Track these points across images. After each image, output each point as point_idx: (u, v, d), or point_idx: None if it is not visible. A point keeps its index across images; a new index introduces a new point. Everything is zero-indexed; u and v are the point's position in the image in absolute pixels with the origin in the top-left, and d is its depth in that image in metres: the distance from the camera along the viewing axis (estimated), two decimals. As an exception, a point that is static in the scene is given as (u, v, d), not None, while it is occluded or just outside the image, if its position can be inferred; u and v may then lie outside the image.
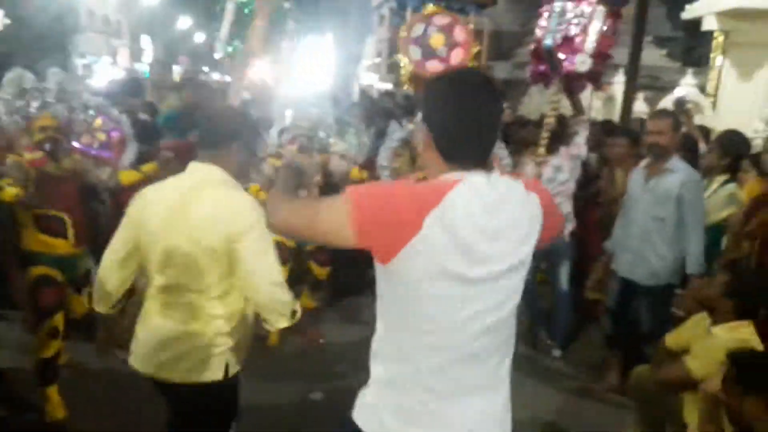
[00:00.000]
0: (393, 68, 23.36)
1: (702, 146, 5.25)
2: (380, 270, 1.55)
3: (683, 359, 3.02)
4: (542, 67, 4.24)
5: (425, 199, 1.45)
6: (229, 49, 4.50)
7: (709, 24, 10.60)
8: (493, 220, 1.50)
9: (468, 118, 1.52)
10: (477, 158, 1.55)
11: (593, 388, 4.32)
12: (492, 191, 1.52)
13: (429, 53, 4.36)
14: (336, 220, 1.47)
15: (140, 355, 2.41)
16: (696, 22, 12.56)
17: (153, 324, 2.38)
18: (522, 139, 5.86)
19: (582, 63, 4.02)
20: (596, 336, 5.16)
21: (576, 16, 4.02)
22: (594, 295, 4.97)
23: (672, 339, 3.37)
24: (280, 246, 2.57)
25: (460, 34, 4.42)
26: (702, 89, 12.44)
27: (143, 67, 31.26)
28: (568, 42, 4.02)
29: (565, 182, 4.51)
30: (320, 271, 5.07)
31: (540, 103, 16.91)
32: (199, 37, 41.84)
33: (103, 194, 4.44)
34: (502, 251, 1.52)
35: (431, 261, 1.45)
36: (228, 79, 7.03)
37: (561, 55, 4.06)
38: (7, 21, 24.42)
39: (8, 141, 3.74)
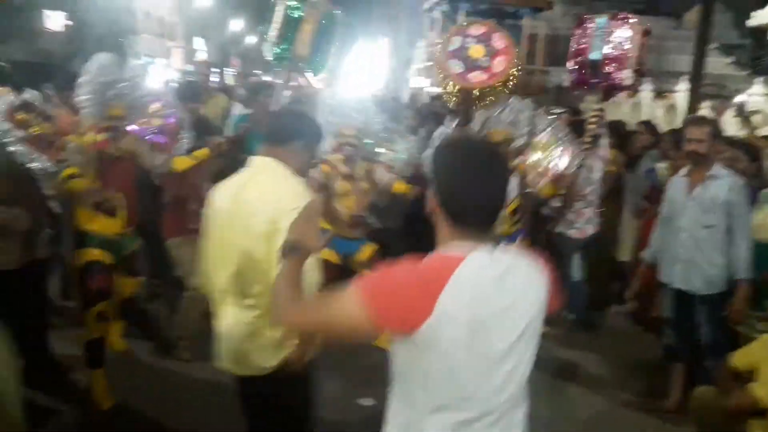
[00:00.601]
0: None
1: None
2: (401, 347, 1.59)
3: (750, 387, 2.91)
4: (585, 77, 4.71)
5: (434, 281, 1.50)
6: (277, 51, 4.37)
7: (777, 31, 10.06)
8: (501, 294, 1.55)
9: (474, 185, 1.57)
10: (482, 225, 1.60)
11: (655, 404, 4.21)
12: (496, 265, 1.56)
13: (471, 65, 4.27)
14: (352, 316, 1.52)
15: (220, 353, 2.51)
16: (764, 30, 12.00)
17: (222, 321, 2.47)
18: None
19: (628, 78, 4.58)
20: (650, 349, 4.94)
21: (619, 36, 4.54)
22: (632, 304, 5.07)
23: (739, 359, 3.21)
24: (326, 264, 2.55)
25: (499, 41, 4.34)
26: (772, 99, 11.82)
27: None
28: (614, 58, 4.52)
29: (596, 182, 4.99)
30: None
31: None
32: (251, 40, 42.49)
33: (155, 179, 4.44)
34: (514, 322, 1.57)
35: (450, 339, 1.51)
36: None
37: (608, 69, 4.54)
38: (69, 23, 25.26)
39: (72, 124, 3.86)
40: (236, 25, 42.30)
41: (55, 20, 25.88)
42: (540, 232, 5.40)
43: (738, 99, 10.06)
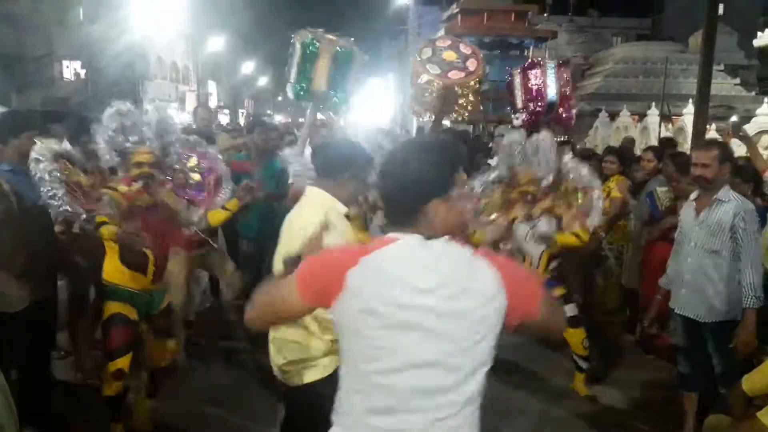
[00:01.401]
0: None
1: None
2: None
3: (757, 415, 2.76)
4: (535, 115, 5.15)
5: (348, 259, 1.58)
6: (297, 88, 4.47)
7: (784, 51, 10.08)
8: (424, 277, 1.55)
9: (392, 181, 1.64)
10: (402, 219, 1.63)
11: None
12: (425, 251, 1.59)
13: (447, 67, 4.65)
14: (288, 296, 1.65)
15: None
16: (770, 49, 12.01)
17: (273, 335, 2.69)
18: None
19: (573, 114, 5.26)
20: (661, 377, 4.88)
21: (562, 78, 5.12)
22: (650, 330, 4.86)
23: (749, 384, 3.05)
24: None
25: (465, 48, 4.82)
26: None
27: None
28: (564, 97, 5.14)
29: None
30: None
31: (606, 135, 16.50)
32: (263, 81, 43.17)
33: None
34: (432, 305, 1.55)
35: (358, 309, 1.57)
36: (289, 120, 7.05)
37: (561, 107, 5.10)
38: (84, 71, 25.93)
39: (103, 175, 3.74)
40: (248, 67, 43.13)
41: (71, 69, 26.60)
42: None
43: (733, 119, 10.03)
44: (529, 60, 5.75)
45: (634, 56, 26.23)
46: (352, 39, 4.66)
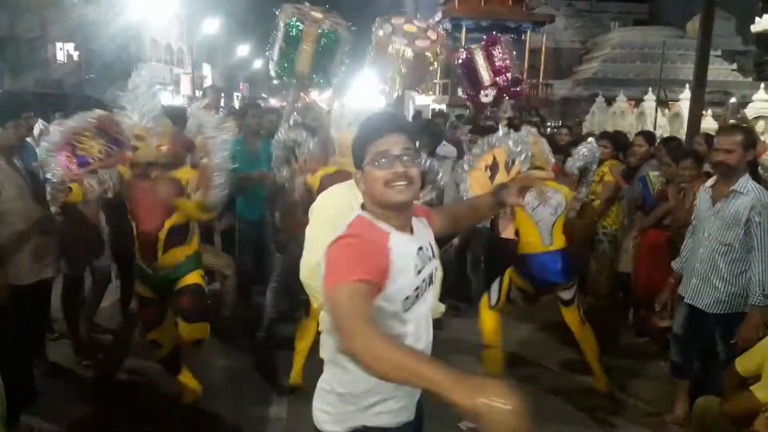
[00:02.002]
0: (446, 89, 23.25)
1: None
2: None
3: (751, 390, 2.85)
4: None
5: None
6: (278, 69, 4.46)
7: (782, 36, 10.06)
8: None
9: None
10: None
11: (659, 417, 4.08)
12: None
13: (411, 37, 4.72)
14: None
15: None
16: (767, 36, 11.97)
17: None
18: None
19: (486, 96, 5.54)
20: (654, 361, 4.90)
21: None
22: (663, 322, 4.65)
23: (742, 364, 3.11)
24: None
25: (420, 22, 4.97)
26: (776, 104, 11.78)
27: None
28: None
29: None
30: None
31: (602, 120, 16.50)
32: (258, 64, 42.94)
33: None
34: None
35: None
36: (284, 103, 7.04)
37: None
38: (78, 53, 25.76)
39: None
40: (243, 50, 42.84)
41: (65, 51, 26.42)
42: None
43: (732, 101, 10.02)
44: (490, 36, 6.16)
45: (631, 41, 26.20)
46: (338, 16, 4.66)
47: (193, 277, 3.63)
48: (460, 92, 9.65)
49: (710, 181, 3.75)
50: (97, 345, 4.57)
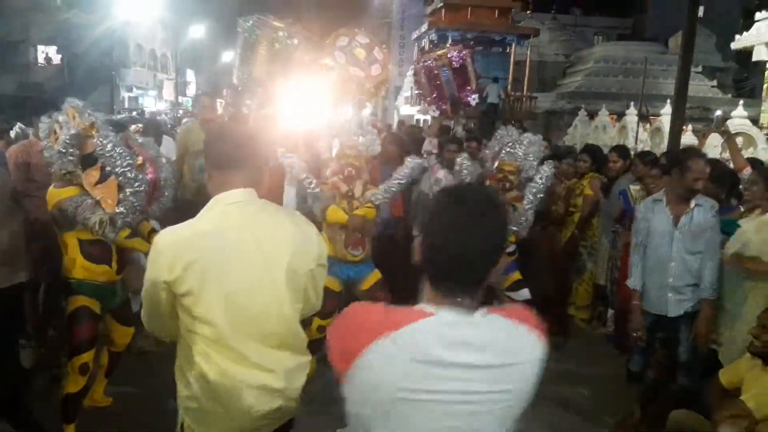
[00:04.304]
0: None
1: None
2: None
3: (742, 401, 2.89)
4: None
5: (380, 326, 1.36)
6: (241, 75, 4.51)
7: (760, 54, 10.23)
8: (455, 357, 1.35)
9: (455, 246, 1.36)
10: (462, 287, 1.39)
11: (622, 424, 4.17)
12: (463, 330, 1.37)
13: (353, 61, 4.90)
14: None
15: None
16: (747, 53, 12.15)
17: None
18: (559, 171, 5.81)
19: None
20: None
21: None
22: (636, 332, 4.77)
23: (725, 377, 3.22)
24: (326, 292, 2.37)
25: (379, 53, 5.04)
26: (755, 121, 11.96)
27: (187, 100, 32.12)
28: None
29: None
30: None
31: (584, 134, 16.62)
32: (244, 71, 42.69)
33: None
34: (477, 387, 1.37)
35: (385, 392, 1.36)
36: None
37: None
38: (60, 56, 25.52)
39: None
40: (228, 56, 42.68)
41: (47, 54, 26.15)
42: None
43: (718, 113, 10.15)
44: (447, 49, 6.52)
45: (614, 56, 26.47)
46: (302, 29, 4.77)
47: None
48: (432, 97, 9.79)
49: (658, 196, 3.99)
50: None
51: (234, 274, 1.95)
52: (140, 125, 5.22)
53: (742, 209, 4.22)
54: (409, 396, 1.33)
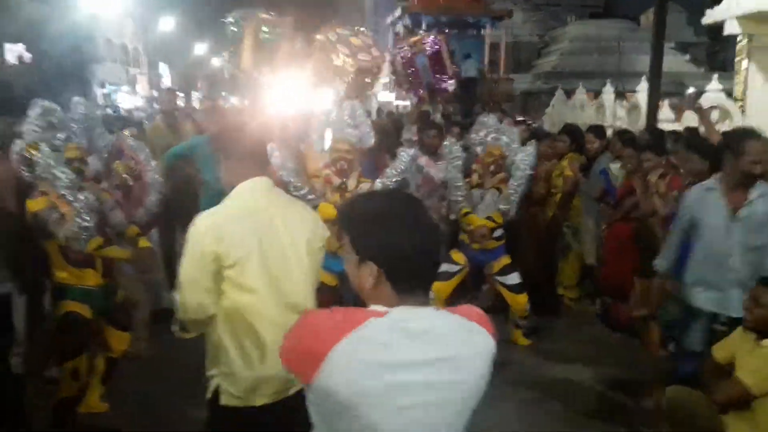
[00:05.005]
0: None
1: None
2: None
3: (737, 377, 2.92)
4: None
5: (339, 329, 1.37)
6: (229, 68, 4.46)
7: (731, 28, 10.27)
8: (412, 351, 1.39)
9: (417, 240, 1.42)
10: (425, 282, 1.48)
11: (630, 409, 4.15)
12: (418, 323, 1.41)
13: (354, 50, 5.09)
14: None
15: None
16: (719, 27, 12.18)
17: None
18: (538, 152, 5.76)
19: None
20: (634, 355, 4.93)
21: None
22: (640, 311, 4.70)
23: (718, 352, 3.22)
24: (323, 286, 2.63)
25: (365, 37, 5.55)
26: (729, 94, 12.02)
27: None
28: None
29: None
30: None
31: (563, 113, 16.67)
32: (216, 63, 42.28)
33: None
34: (433, 380, 1.41)
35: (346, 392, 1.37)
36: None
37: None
38: (28, 55, 24.96)
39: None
40: (200, 49, 42.15)
41: (14, 52, 25.56)
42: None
43: (690, 90, 10.23)
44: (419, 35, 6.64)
45: (587, 34, 26.57)
46: (287, 22, 4.79)
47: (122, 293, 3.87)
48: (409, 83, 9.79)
49: (711, 183, 3.62)
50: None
51: (268, 248, 2.21)
52: (134, 129, 5.18)
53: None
54: (368, 393, 1.36)
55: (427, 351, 1.40)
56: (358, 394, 1.36)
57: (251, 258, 2.17)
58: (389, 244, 1.41)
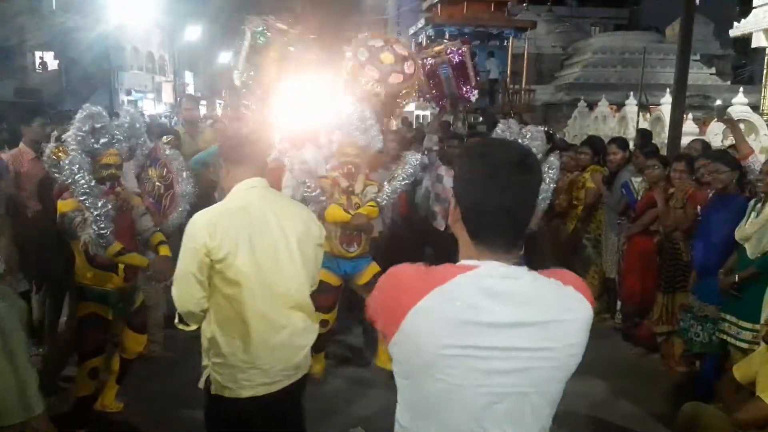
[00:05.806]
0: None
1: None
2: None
3: (761, 398, 2.86)
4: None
5: (424, 284, 1.34)
6: (243, 78, 4.47)
7: (758, 41, 10.18)
8: (499, 313, 1.33)
9: (497, 198, 1.36)
10: (505, 240, 1.39)
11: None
12: (507, 282, 1.35)
13: (385, 70, 4.83)
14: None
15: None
16: (746, 40, 12.11)
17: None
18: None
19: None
20: (636, 361, 4.97)
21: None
22: (661, 328, 4.80)
23: (740, 371, 3.17)
24: (324, 286, 2.65)
25: (401, 49, 5.03)
26: (755, 108, 11.90)
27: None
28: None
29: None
30: None
31: (584, 125, 16.58)
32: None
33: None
34: (510, 344, 1.34)
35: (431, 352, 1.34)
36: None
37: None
38: (56, 61, 25.46)
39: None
40: (225, 57, 42.59)
41: (44, 59, 26.10)
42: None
43: (718, 103, 10.11)
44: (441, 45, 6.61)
45: (612, 46, 26.40)
46: (302, 31, 4.75)
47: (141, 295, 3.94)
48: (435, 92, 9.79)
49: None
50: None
51: (260, 243, 2.29)
52: (171, 137, 5.17)
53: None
54: (453, 352, 1.31)
55: (515, 313, 1.34)
56: (440, 352, 1.32)
57: (240, 252, 2.24)
58: (468, 200, 1.40)
